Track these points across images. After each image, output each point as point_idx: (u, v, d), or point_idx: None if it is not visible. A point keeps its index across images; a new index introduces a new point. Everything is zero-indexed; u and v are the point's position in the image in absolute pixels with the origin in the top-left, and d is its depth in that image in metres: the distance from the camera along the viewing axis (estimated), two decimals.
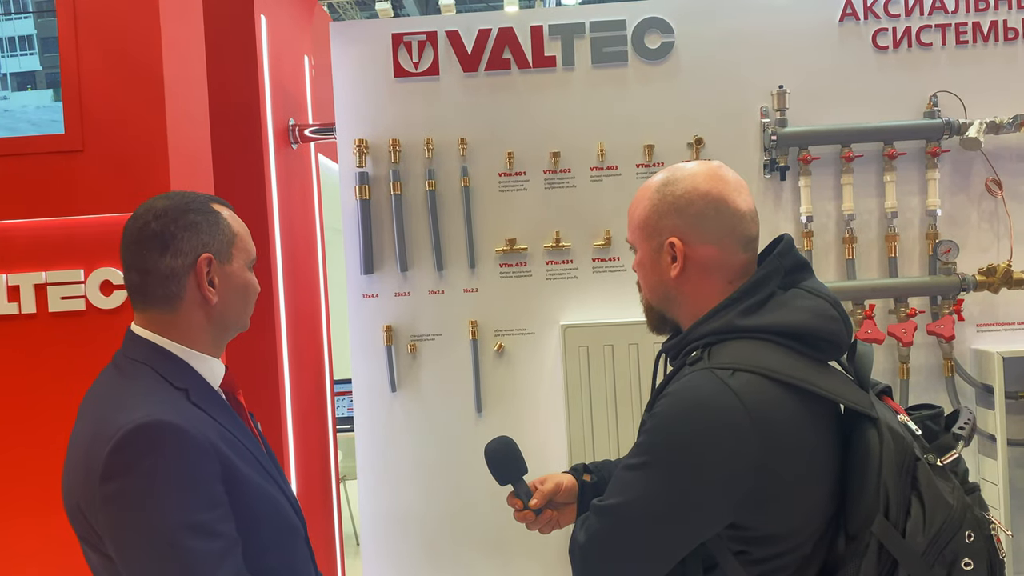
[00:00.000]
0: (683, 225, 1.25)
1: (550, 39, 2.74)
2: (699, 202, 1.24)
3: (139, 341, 1.30)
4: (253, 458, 1.32)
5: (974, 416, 1.31)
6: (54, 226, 2.08)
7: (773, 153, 2.67)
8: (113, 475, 1.14)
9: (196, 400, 1.27)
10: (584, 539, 1.22)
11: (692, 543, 1.17)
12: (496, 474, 1.47)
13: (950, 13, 2.71)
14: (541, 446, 2.74)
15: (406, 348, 2.78)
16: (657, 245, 1.28)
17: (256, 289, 1.40)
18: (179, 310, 1.30)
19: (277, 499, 1.33)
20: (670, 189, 1.27)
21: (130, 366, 1.29)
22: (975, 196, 2.73)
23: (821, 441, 1.17)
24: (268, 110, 2.63)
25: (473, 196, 2.76)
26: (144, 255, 1.28)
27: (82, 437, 1.23)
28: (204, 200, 1.34)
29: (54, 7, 2.08)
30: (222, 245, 1.32)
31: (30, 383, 2.06)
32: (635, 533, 1.17)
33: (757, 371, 1.14)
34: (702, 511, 1.14)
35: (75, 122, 2.09)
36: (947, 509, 1.10)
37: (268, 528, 1.29)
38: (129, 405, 1.19)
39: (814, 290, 1.23)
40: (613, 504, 1.19)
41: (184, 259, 1.28)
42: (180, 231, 1.28)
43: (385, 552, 2.82)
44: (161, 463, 1.15)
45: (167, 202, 1.30)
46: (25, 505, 2.05)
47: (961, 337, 2.71)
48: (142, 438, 1.15)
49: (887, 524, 1.10)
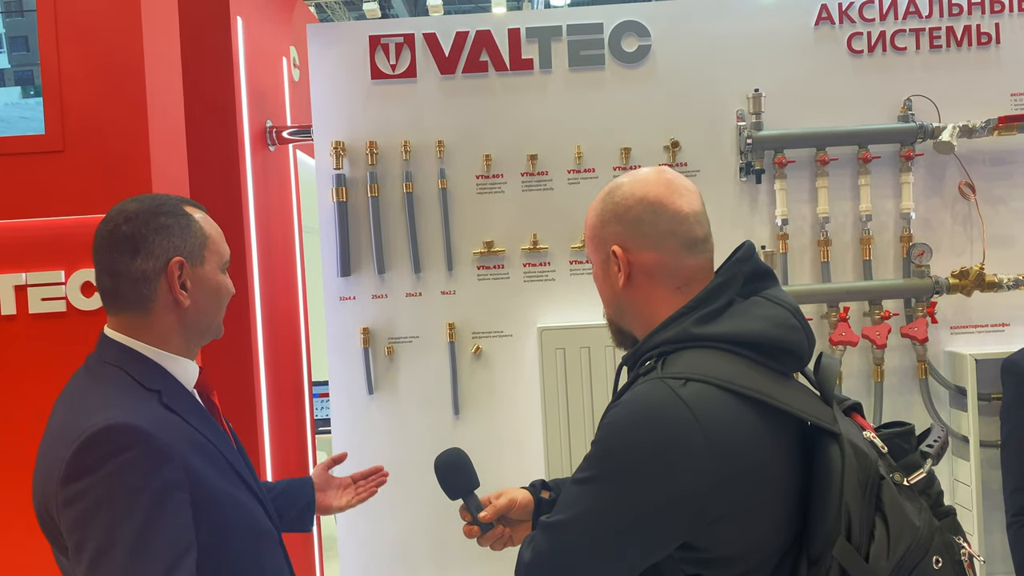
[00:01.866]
0: (623, 232, 1.22)
1: (527, 42, 2.75)
2: (636, 207, 1.21)
3: (111, 344, 1.30)
4: (225, 461, 1.31)
5: (946, 433, 1.25)
6: (35, 227, 2.07)
7: (749, 156, 2.68)
8: (74, 477, 1.14)
9: (168, 402, 1.27)
10: (529, 558, 1.16)
11: (641, 563, 1.11)
12: (445, 487, 1.43)
13: (924, 18, 2.73)
14: (518, 448, 2.75)
15: (383, 350, 2.78)
16: (604, 256, 1.25)
17: (230, 291, 1.39)
18: (151, 313, 1.29)
19: (247, 504, 1.32)
20: (612, 196, 1.24)
21: (101, 369, 1.28)
22: (949, 199, 2.75)
23: (779, 457, 1.10)
24: (244, 112, 2.62)
25: (450, 198, 2.76)
26: (115, 258, 1.28)
27: (49, 439, 1.23)
28: (176, 203, 1.33)
29: (22, 7, 2.07)
30: (194, 248, 1.31)
31: (10, 384, 2.06)
32: (581, 551, 1.10)
33: (710, 381, 1.08)
34: (650, 530, 1.08)
35: (56, 123, 2.09)
36: (913, 532, 1.05)
37: (239, 533, 1.28)
38: (95, 408, 1.19)
39: (775, 298, 1.18)
40: (559, 520, 1.13)
41: (155, 262, 1.28)
42: (151, 234, 1.28)
43: (363, 554, 2.82)
44: (122, 466, 1.14)
45: (138, 205, 1.30)
46: (8, 505, 2.04)
47: (935, 339, 2.73)
48: (105, 440, 1.15)
49: (849, 547, 1.03)
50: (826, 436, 1.09)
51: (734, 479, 1.06)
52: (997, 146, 2.73)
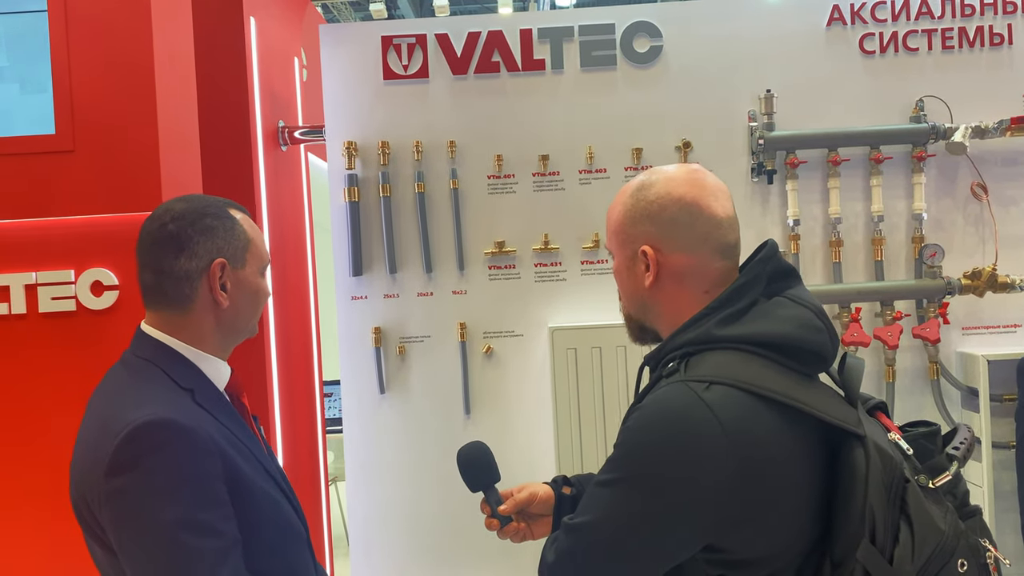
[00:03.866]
0: (655, 232, 1.19)
1: (539, 42, 2.75)
2: (672, 208, 1.18)
3: (148, 340, 1.32)
4: (256, 461, 1.33)
5: (972, 435, 1.24)
6: (45, 226, 2.09)
7: (760, 157, 2.69)
8: (118, 471, 1.16)
9: (201, 401, 1.28)
10: (552, 559, 1.16)
11: (664, 564, 1.10)
12: (467, 480, 1.43)
13: (936, 18, 2.73)
14: (529, 448, 2.75)
15: (395, 350, 2.79)
16: (631, 253, 1.22)
17: (266, 294, 1.41)
18: (190, 312, 1.31)
19: (280, 502, 1.34)
20: (643, 194, 1.21)
21: (138, 364, 1.30)
22: (961, 200, 2.75)
23: (802, 459, 1.09)
24: (257, 112, 2.63)
25: (462, 198, 2.77)
26: (159, 256, 1.30)
27: (90, 432, 1.25)
28: (221, 205, 1.35)
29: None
30: (236, 250, 1.33)
31: (20, 383, 2.07)
32: (604, 554, 1.10)
33: (734, 384, 1.07)
34: (674, 532, 1.08)
35: (66, 122, 2.10)
36: (938, 535, 1.04)
37: (270, 530, 1.30)
38: (136, 402, 1.21)
39: (798, 298, 1.16)
40: (582, 522, 1.13)
41: (199, 262, 1.30)
42: (196, 234, 1.30)
43: (374, 553, 2.83)
44: (165, 461, 1.16)
45: (185, 205, 1.32)
46: (17, 503, 2.06)
47: (946, 340, 2.72)
48: (147, 435, 1.17)
49: (873, 550, 1.02)
50: (851, 439, 1.08)
51: (757, 482, 1.06)
52: (1009, 147, 2.72)
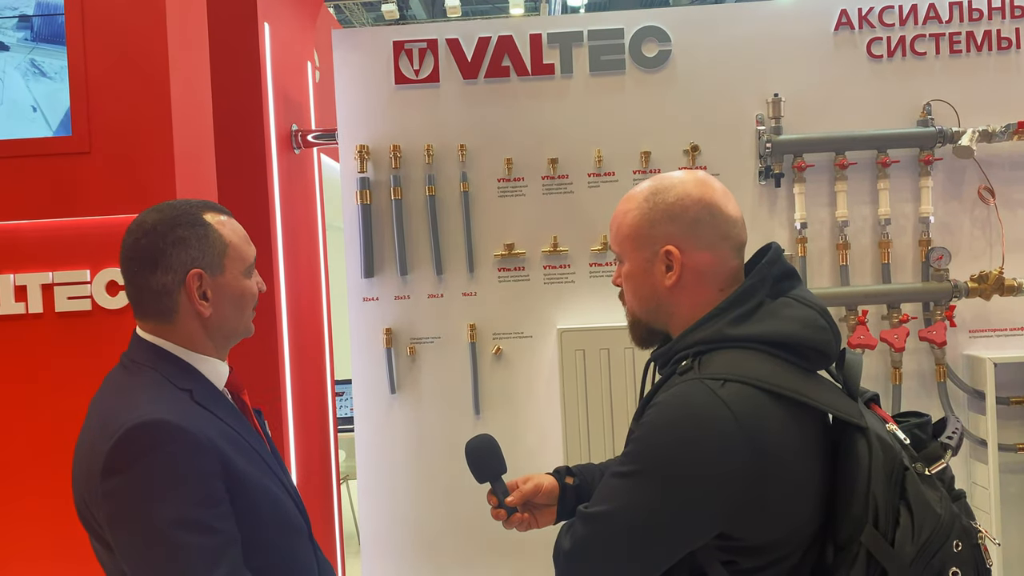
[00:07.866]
0: (678, 232, 1.24)
1: (549, 47, 2.78)
2: (693, 208, 1.23)
3: (143, 344, 1.33)
4: (258, 456, 1.34)
5: (962, 425, 1.31)
6: (61, 227, 2.12)
7: (768, 160, 2.71)
8: (113, 471, 1.18)
9: (200, 400, 1.30)
10: (569, 545, 1.21)
11: (679, 552, 1.17)
12: (475, 471, 1.47)
13: (944, 22, 2.74)
14: (537, 448, 2.78)
15: (406, 351, 2.82)
16: (650, 254, 1.26)
17: (253, 294, 1.40)
18: (176, 322, 1.32)
19: (280, 498, 1.35)
20: (661, 197, 1.25)
21: (135, 367, 1.32)
22: (968, 204, 2.76)
23: (809, 451, 1.16)
24: (271, 116, 2.67)
25: (472, 201, 2.80)
26: (136, 271, 1.31)
27: (88, 434, 1.27)
28: (195, 212, 1.33)
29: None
30: (213, 258, 1.32)
31: (36, 383, 2.10)
32: (621, 542, 1.16)
33: (747, 381, 1.14)
34: (691, 522, 1.14)
35: (82, 124, 2.13)
36: (935, 519, 1.11)
37: (270, 526, 1.31)
38: (132, 404, 1.23)
39: (803, 299, 1.23)
40: (600, 512, 1.18)
41: (174, 275, 1.29)
42: (168, 247, 1.29)
43: (385, 552, 2.86)
44: (160, 460, 1.18)
45: (157, 216, 1.31)
46: (32, 503, 2.10)
47: (953, 343, 2.74)
48: (143, 436, 1.18)
49: (876, 534, 1.10)
50: (853, 430, 1.16)
51: (770, 474, 1.12)
52: (1017, 150, 2.73)
